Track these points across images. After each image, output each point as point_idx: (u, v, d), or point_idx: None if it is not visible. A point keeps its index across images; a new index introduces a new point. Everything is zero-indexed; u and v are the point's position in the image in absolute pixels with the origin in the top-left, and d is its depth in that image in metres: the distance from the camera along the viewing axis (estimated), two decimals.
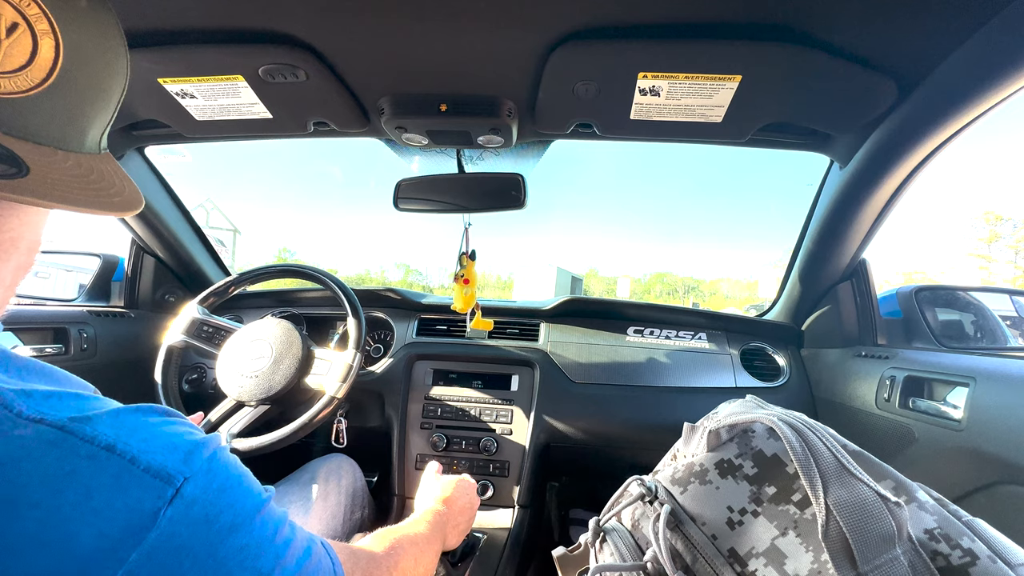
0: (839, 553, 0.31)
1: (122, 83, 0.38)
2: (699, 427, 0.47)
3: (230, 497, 0.33)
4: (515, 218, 31.20)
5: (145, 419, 0.33)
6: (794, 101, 0.78)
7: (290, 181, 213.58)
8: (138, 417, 0.33)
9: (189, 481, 0.30)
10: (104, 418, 0.30)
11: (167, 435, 0.32)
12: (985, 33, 0.59)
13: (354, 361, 0.97)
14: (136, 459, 0.29)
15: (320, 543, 0.42)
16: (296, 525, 0.40)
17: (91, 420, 0.30)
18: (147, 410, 0.34)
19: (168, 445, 0.31)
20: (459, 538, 0.78)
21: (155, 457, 0.30)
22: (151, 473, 0.29)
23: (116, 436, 0.29)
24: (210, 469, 0.32)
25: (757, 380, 1.19)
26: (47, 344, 1.07)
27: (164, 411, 0.35)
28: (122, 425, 0.31)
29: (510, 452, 1.14)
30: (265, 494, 0.37)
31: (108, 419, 0.30)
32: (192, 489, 0.30)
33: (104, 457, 0.28)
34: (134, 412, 0.33)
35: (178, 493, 0.30)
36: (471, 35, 0.69)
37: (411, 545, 0.58)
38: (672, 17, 0.65)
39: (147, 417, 0.33)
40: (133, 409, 0.33)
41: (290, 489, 0.92)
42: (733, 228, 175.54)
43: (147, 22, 0.71)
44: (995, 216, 27.49)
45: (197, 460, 0.32)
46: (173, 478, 0.30)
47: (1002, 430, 0.67)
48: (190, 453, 0.32)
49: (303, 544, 0.39)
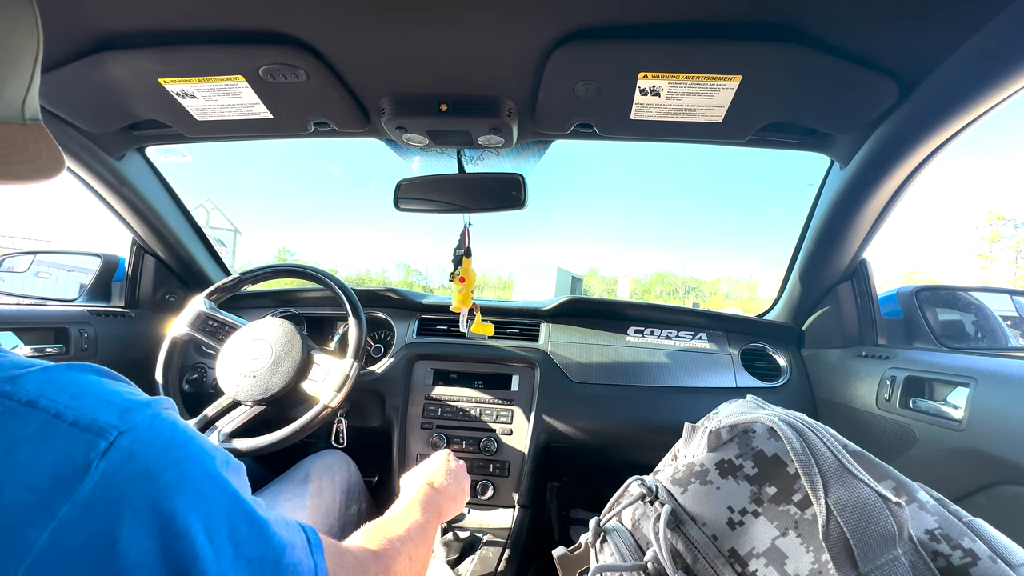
0: (840, 553, 0.31)
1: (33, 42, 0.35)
2: (699, 427, 0.47)
3: (175, 455, 0.31)
4: (515, 218, 31.27)
5: (79, 376, 0.32)
6: (794, 101, 0.78)
7: (290, 181, 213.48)
8: (71, 374, 0.32)
9: (125, 435, 0.29)
10: (31, 376, 0.30)
11: (101, 392, 0.32)
12: (985, 33, 0.59)
13: (351, 371, 0.97)
14: (61, 413, 0.29)
15: (308, 542, 0.40)
16: (279, 515, 0.38)
17: (15, 379, 0.29)
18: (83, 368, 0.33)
19: (101, 401, 0.31)
20: (456, 508, 0.75)
21: (84, 412, 0.29)
22: (80, 427, 0.28)
23: (40, 392, 0.29)
24: (152, 426, 0.31)
25: (757, 380, 1.18)
26: (47, 344, 1.07)
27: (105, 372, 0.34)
28: (49, 382, 0.30)
29: (510, 452, 1.14)
30: (228, 464, 0.35)
31: (35, 376, 0.30)
32: (128, 443, 0.29)
33: (25, 412, 0.28)
34: (67, 370, 0.32)
35: (112, 446, 0.29)
36: (471, 35, 0.69)
37: (404, 543, 0.56)
38: (672, 17, 0.65)
39: (82, 375, 0.32)
40: (66, 367, 0.32)
41: (284, 487, 0.92)
42: (733, 228, 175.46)
43: (147, 22, 0.71)
44: (997, 216, 27.50)
45: (136, 417, 0.31)
46: (105, 431, 0.29)
47: (1003, 430, 0.67)
48: (127, 410, 0.31)
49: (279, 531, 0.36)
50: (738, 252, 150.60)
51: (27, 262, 1.32)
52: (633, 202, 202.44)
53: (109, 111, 0.91)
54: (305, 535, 0.40)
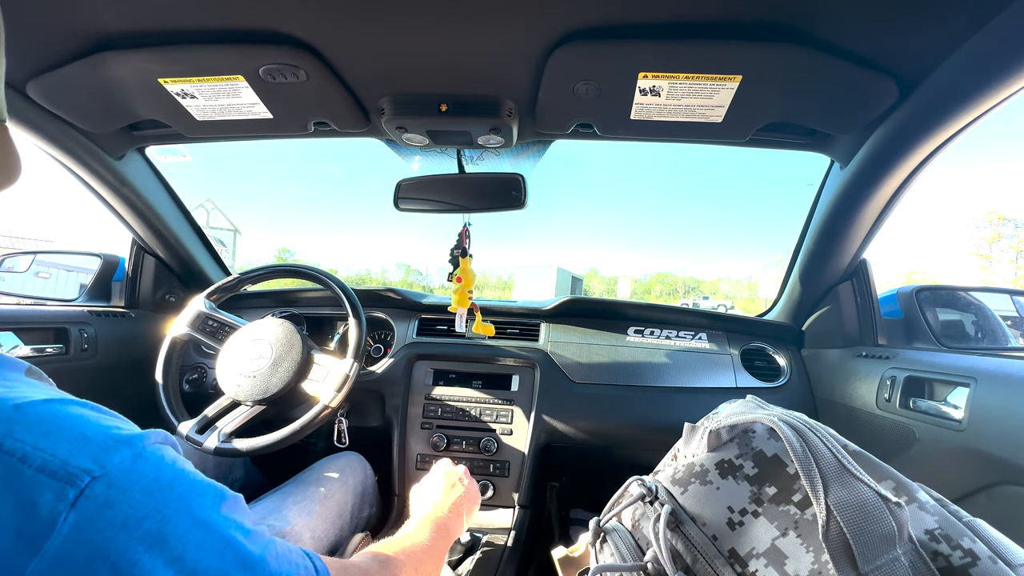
0: (840, 553, 0.31)
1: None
2: (699, 427, 0.47)
3: (158, 501, 0.28)
4: (515, 218, 31.28)
5: (55, 411, 0.28)
6: (794, 101, 0.78)
7: (291, 181, 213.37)
8: (47, 409, 0.28)
9: (100, 480, 0.26)
10: (1, 412, 0.27)
11: (78, 429, 0.28)
12: (985, 33, 0.59)
13: (351, 371, 0.97)
14: (28, 457, 0.25)
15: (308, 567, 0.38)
16: (279, 541, 0.36)
17: None
18: (63, 402, 0.30)
19: (77, 439, 0.27)
20: (463, 527, 0.76)
21: (55, 454, 0.26)
22: (47, 473, 0.25)
23: (8, 432, 0.26)
24: (132, 468, 0.28)
25: (757, 380, 1.18)
26: (47, 344, 1.07)
27: (89, 405, 0.31)
28: (19, 420, 0.27)
29: (510, 452, 1.14)
30: (222, 500, 0.33)
31: (4, 414, 0.27)
32: (104, 489, 0.26)
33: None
34: (44, 404, 0.28)
35: (82, 494, 0.26)
36: (472, 35, 0.69)
37: (410, 556, 0.56)
38: (672, 17, 0.65)
39: (61, 408, 0.29)
40: (44, 401, 0.29)
41: (296, 488, 0.92)
42: (733, 228, 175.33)
43: (148, 22, 0.71)
44: (997, 216, 27.50)
45: (115, 457, 0.28)
46: (75, 477, 0.26)
47: (1003, 430, 0.67)
48: (106, 449, 0.28)
49: (279, 566, 0.34)
50: (738, 252, 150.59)
51: (27, 262, 1.32)
52: (633, 202, 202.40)
53: (109, 111, 0.91)
54: (311, 562, 0.39)
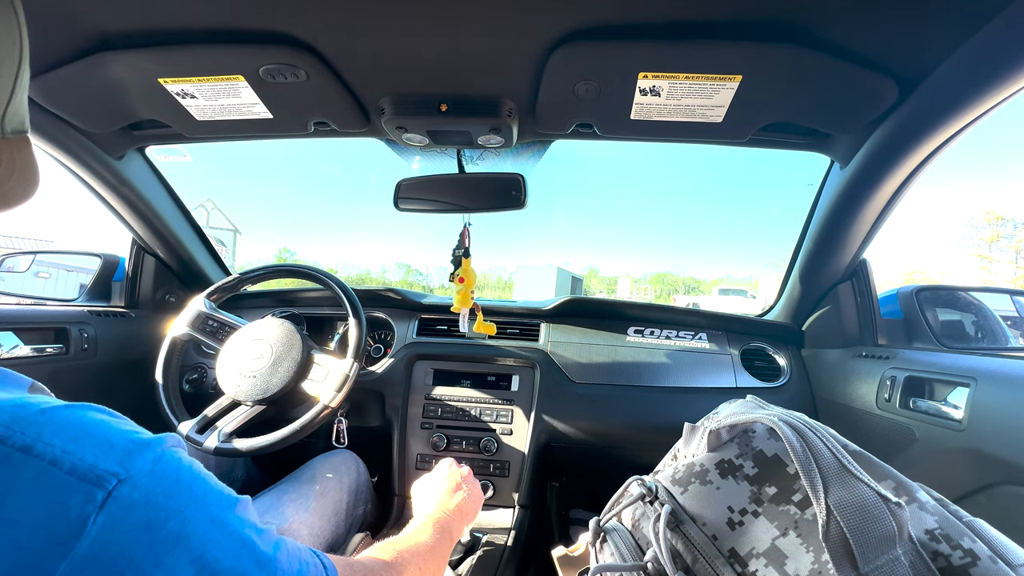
0: (840, 553, 0.31)
1: (14, 52, 0.33)
2: (699, 427, 0.47)
3: (179, 502, 0.30)
4: (515, 218, 31.22)
5: (79, 416, 0.30)
6: (794, 101, 0.78)
7: (291, 181, 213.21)
8: (71, 414, 0.29)
9: (125, 483, 0.27)
10: (28, 417, 0.28)
11: (103, 433, 0.29)
12: (985, 33, 0.59)
13: (351, 371, 0.97)
14: (58, 460, 0.26)
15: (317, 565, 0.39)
16: (288, 541, 0.38)
17: (10, 423, 0.27)
18: (84, 407, 0.31)
19: (102, 443, 0.28)
20: (465, 529, 0.76)
21: (83, 458, 0.27)
22: (77, 475, 0.26)
23: (37, 435, 0.27)
24: (154, 471, 0.29)
25: (757, 380, 1.18)
26: (47, 344, 1.07)
27: (107, 411, 0.32)
28: (47, 424, 0.28)
29: (510, 452, 1.14)
30: (236, 502, 0.34)
31: (31, 418, 0.28)
32: (129, 492, 0.27)
33: (19, 460, 0.26)
34: (66, 409, 0.30)
35: (110, 496, 0.27)
36: (471, 35, 0.69)
37: (414, 555, 0.56)
38: (672, 17, 0.65)
39: (84, 414, 0.30)
40: (65, 406, 0.30)
41: (291, 487, 0.92)
42: (733, 228, 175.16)
43: (147, 22, 0.71)
44: (996, 216, 27.49)
45: (138, 460, 0.29)
46: (103, 480, 0.27)
47: (1003, 430, 0.67)
48: (129, 453, 0.29)
49: (291, 564, 0.36)
50: (738, 252, 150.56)
51: (27, 262, 1.32)
52: (633, 202, 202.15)
53: (109, 111, 0.91)
54: (320, 561, 0.40)
